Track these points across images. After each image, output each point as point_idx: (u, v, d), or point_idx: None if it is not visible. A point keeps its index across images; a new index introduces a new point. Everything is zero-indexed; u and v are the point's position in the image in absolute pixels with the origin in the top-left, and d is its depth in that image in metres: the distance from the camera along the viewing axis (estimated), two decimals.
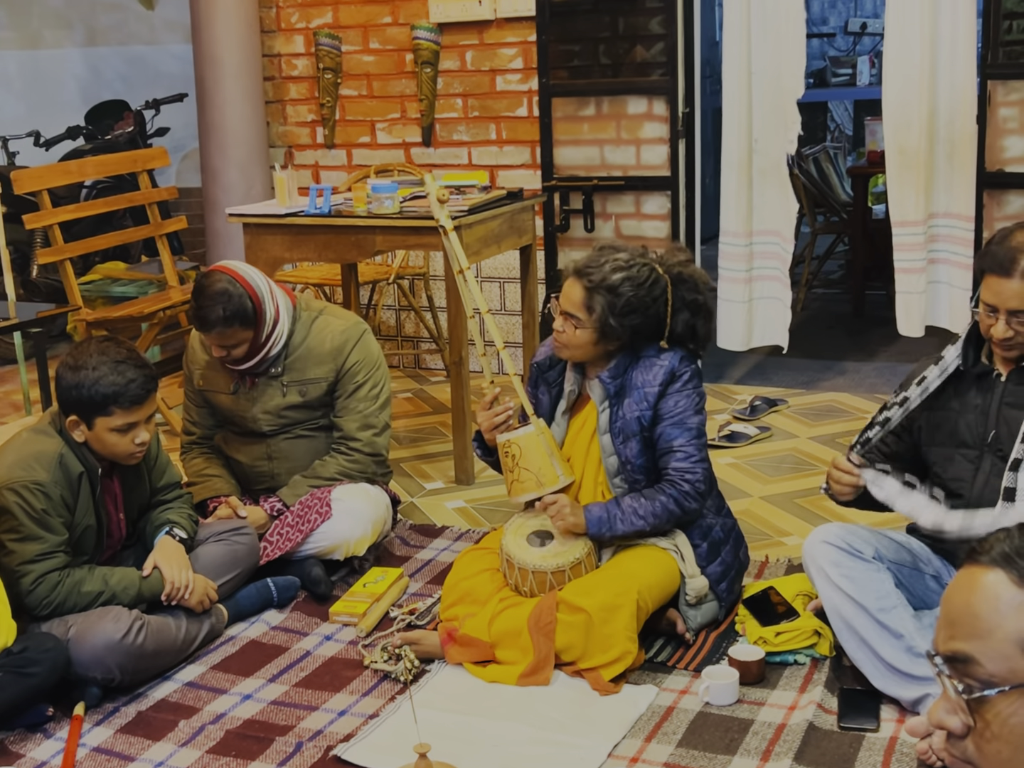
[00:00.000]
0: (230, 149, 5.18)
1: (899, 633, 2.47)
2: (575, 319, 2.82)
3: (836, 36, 9.80)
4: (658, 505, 2.80)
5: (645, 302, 2.80)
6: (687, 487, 2.80)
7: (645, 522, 2.80)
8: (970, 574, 1.02)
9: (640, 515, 2.80)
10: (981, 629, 0.99)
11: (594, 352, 2.87)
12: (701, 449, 2.85)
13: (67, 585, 2.73)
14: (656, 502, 2.80)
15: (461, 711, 2.61)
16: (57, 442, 2.79)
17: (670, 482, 2.82)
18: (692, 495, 2.81)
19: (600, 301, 2.78)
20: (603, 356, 2.89)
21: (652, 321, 2.84)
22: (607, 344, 2.85)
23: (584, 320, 2.81)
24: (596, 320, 2.80)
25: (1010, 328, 2.46)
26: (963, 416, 2.59)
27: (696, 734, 2.50)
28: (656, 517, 2.80)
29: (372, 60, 5.31)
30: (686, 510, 2.82)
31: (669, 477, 2.82)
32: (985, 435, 2.56)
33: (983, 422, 2.56)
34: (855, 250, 6.18)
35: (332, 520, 3.19)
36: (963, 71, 4.32)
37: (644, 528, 2.81)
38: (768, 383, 5.02)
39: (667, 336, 2.87)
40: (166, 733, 2.59)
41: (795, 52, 4.48)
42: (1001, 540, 1.02)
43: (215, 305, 3.14)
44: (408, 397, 5.05)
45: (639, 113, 4.83)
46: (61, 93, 6.64)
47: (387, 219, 3.85)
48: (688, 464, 2.82)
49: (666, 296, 2.84)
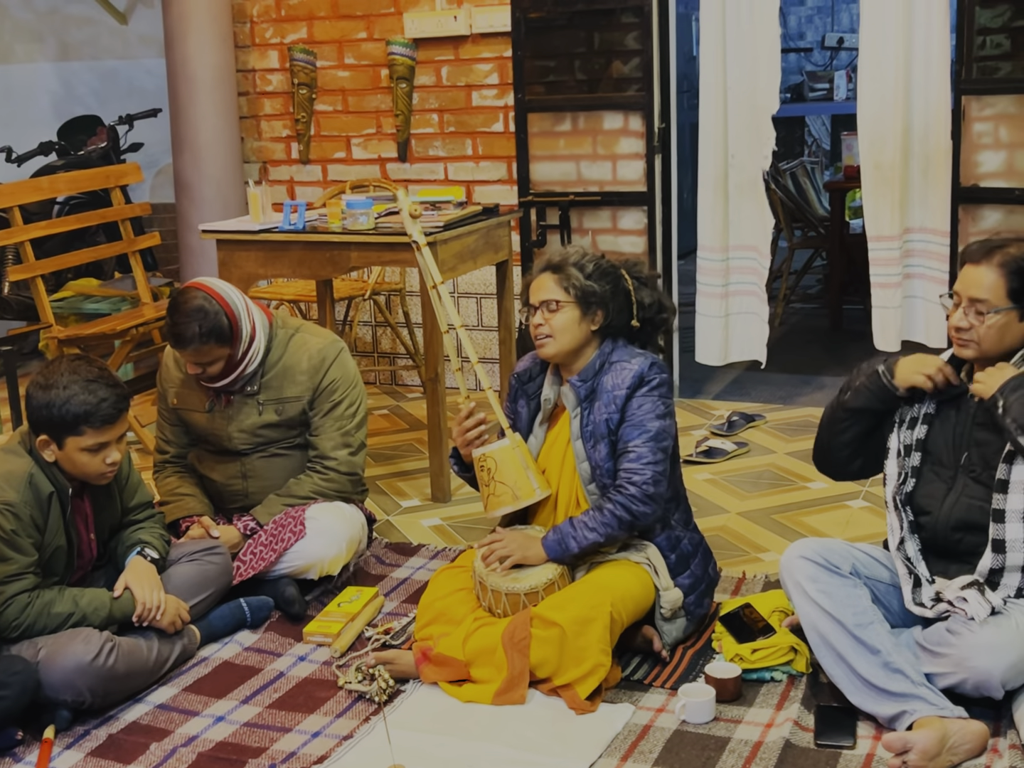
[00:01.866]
0: (204, 165, 5.15)
1: (876, 649, 2.46)
2: (552, 302, 2.86)
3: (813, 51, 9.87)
4: (606, 514, 2.79)
5: (610, 271, 2.92)
6: (633, 489, 2.77)
7: (597, 534, 2.79)
8: None
9: (591, 527, 2.79)
10: None
11: (579, 335, 2.88)
12: (656, 452, 2.82)
13: (37, 607, 2.69)
14: (604, 511, 2.79)
15: (436, 731, 2.59)
16: (27, 462, 2.75)
17: (617, 487, 2.81)
18: (639, 498, 2.77)
19: (573, 272, 2.87)
20: (584, 347, 2.90)
21: (622, 294, 2.91)
22: (591, 319, 2.88)
23: (562, 298, 2.86)
24: (575, 292, 2.85)
25: (966, 318, 2.45)
26: (941, 434, 2.59)
27: (672, 752, 2.48)
28: (606, 527, 2.78)
29: (347, 75, 5.30)
30: (636, 514, 2.78)
31: (618, 481, 2.81)
32: (959, 456, 2.55)
33: (959, 443, 2.55)
34: (832, 265, 6.20)
35: (306, 539, 3.16)
36: (937, 87, 4.34)
37: (599, 540, 2.79)
38: (746, 398, 5.01)
39: (637, 312, 2.92)
40: (137, 756, 2.55)
41: (770, 68, 4.49)
42: None
43: (191, 322, 3.11)
44: (384, 414, 5.03)
45: (615, 128, 4.83)
46: (33, 108, 6.60)
47: (362, 235, 3.84)
48: (637, 465, 2.79)
49: (624, 276, 2.93)
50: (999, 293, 2.42)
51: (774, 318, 6.04)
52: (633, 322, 2.93)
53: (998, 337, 2.45)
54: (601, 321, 2.89)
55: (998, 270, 2.42)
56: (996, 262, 2.42)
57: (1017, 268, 2.41)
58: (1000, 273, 2.42)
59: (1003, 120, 4.35)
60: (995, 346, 2.46)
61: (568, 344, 2.88)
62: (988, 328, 2.44)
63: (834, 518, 3.70)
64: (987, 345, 2.46)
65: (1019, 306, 2.43)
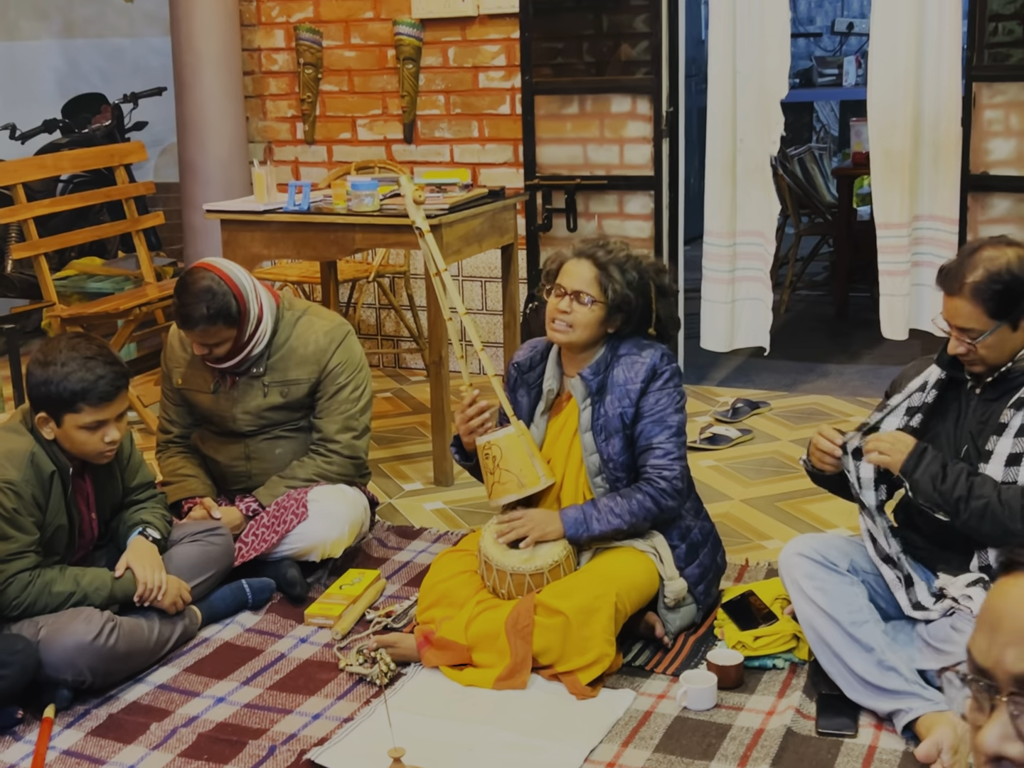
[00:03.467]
0: (209, 144, 5.13)
1: (870, 647, 2.46)
2: (587, 296, 2.82)
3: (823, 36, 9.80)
4: (635, 503, 2.77)
5: (646, 285, 2.87)
6: (664, 484, 2.78)
7: (622, 520, 2.78)
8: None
9: (617, 514, 2.78)
10: None
11: (595, 334, 2.86)
12: (680, 447, 2.84)
13: (38, 586, 2.69)
14: (633, 500, 2.78)
15: (437, 715, 2.58)
16: (28, 440, 2.74)
17: (647, 480, 2.80)
18: (669, 492, 2.79)
19: (616, 275, 2.82)
20: (593, 343, 2.88)
21: (645, 303, 2.88)
22: (609, 323, 2.86)
23: (597, 296, 2.82)
24: (612, 295, 2.81)
25: (963, 344, 2.45)
26: (943, 426, 2.58)
27: (673, 739, 2.47)
28: (633, 515, 2.77)
29: (353, 56, 5.27)
30: (663, 508, 2.79)
31: (647, 475, 2.81)
32: (959, 448, 2.54)
33: (960, 434, 2.54)
34: (839, 252, 6.17)
35: (308, 521, 3.15)
36: (948, 73, 4.31)
37: (621, 527, 2.79)
38: (750, 385, 5.00)
39: (655, 322, 2.90)
40: (137, 736, 2.54)
41: (780, 53, 4.46)
42: None
43: (199, 303, 3.09)
44: (388, 397, 5.01)
45: (623, 112, 4.80)
46: (38, 85, 6.57)
47: (367, 217, 3.81)
48: (666, 461, 2.80)
49: (650, 284, 2.89)
50: (981, 319, 2.41)
51: (780, 305, 6.02)
52: (650, 330, 2.92)
53: (998, 352, 2.45)
54: (618, 325, 2.88)
55: (972, 299, 2.41)
56: (967, 292, 2.41)
57: (990, 293, 2.40)
58: (973, 302, 2.41)
59: (1014, 107, 4.32)
60: (1000, 358, 2.46)
61: (583, 339, 2.86)
62: (985, 349, 2.44)
63: (837, 506, 3.67)
64: (992, 360, 2.46)
65: (1005, 320, 2.42)
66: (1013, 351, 2.46)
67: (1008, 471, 2.42)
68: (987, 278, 2.39)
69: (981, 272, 2.40)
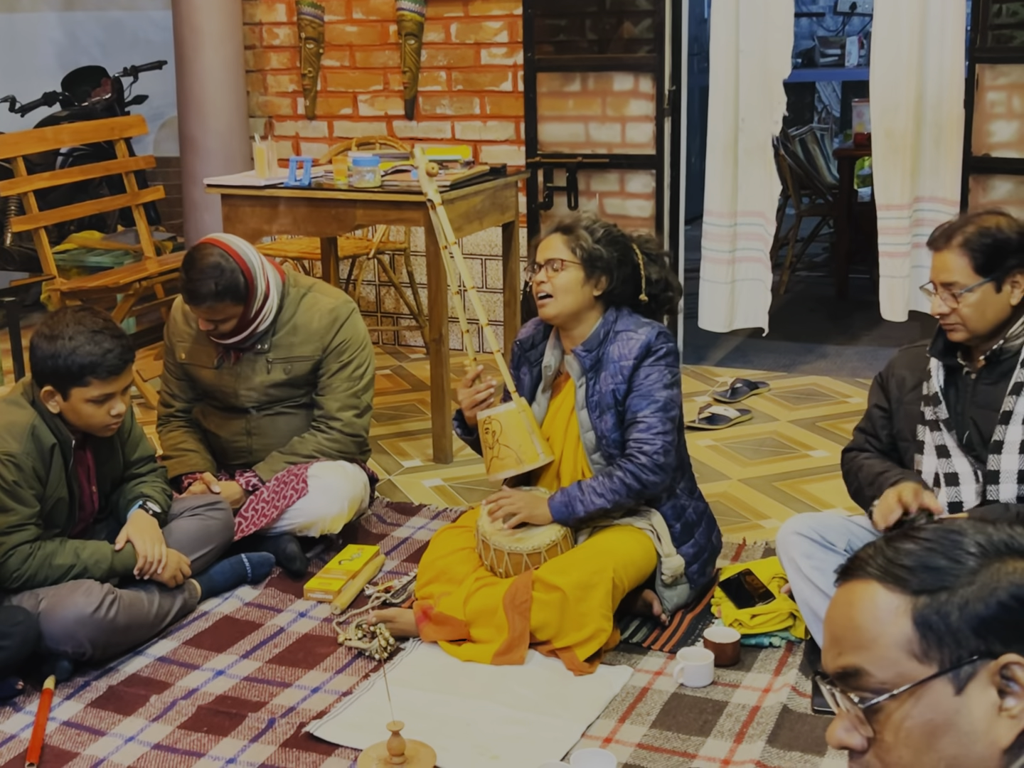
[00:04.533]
0: (209, 119, 5.11)
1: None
2: (557, 261, 2.85)
3: (825, 16, 9.75)
4: (615, 481, 2.78)
5: (620, 240, 2.91)
6: (644, 459, 2.78)
7: (605, 500, 2.78)
8: (847, 591, 1.06)
9: (599, 493, 2.79)
10: (865, 639, 1.02)
11: (581, 298, 2.85)
12: (665, 422, 2.82)
13: (38, 558, 2.70)
14: (614, 478, 2.79)
15: (435, 689, 2.60)
16: (30, 413, 2.75)
17: (628, 455, 2.81)
18: (650, 467, 2.78)
19: (583, 235, 2.86)
20: (586, 311, 2.88)
21: (629, 264, 2.90)
22: (594, 284, 2.86)
23: (568, 258, 2.84)
24: (581, 253, 2.84)
25: (943, 304, 2.46)
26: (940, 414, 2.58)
27: (670, 715, 2.49)
28: (615, 493, 2.78)
29: (355, 30, 5.24)
30: (645, 483, 2.79)
31: (628, 450, 2.81)
32: (961, 435, 2.54)
33: (960, 421, 2.54)
34: (839, 233, 6.16)
35: (308, 497, 3.16)
36: (951, 54, 4.30)
37: (605, 506, 2.79)
38: (749, 365, 5.00)
39: (645, 286, 2.91)
40: (137, 708, 2.56)
41: (783, 32, 4.44)
42: (871, 555, 1.06)
43: (207, 279, 3.09)
44: (387, 374, 5.02)
45: (625, 90, 4.79)
46: (37, 58, 6.53)
47: (368, 193, 3.81)
48: (648, 435, 2.80)
49: (634, 249, 2.92)
50: (966, 272, 2.44)
51: (779, 286, 6.02)
52: (641, 296, 2.92)
53: (979, 314, 2.45)
54: (604, 287, 2.87)
55: (960, 251, 2.44)
56: (956, 244, 2.44)
57: (978, 245, 2.43)
58: (962, 253, 2.44)
59: (1017, 89, 4.31)
60: (980, 323, 2.46)
61: (568, 306, 2.86)
62: (967, 308, 2.44)
63: (835, 486, 3.68)
64: (973, 324, 2.46)
65: (989, 278, 2.44)
66: (996, 319, 2.46)
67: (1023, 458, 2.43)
68: (977, 232, 2.44)
69: (972, 228, 2.45)
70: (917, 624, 1.00)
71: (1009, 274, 2.44)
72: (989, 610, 0.99)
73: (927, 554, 1.02)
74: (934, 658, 0.99)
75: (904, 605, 1.01)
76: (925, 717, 0.99)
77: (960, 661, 0.98)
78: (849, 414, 4.26)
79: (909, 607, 1.01)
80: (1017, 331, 2.48)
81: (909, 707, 0.99)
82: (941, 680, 0.99)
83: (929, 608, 1.00)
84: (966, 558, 1.01)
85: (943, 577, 1.01)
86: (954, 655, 0.99)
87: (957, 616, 0.99)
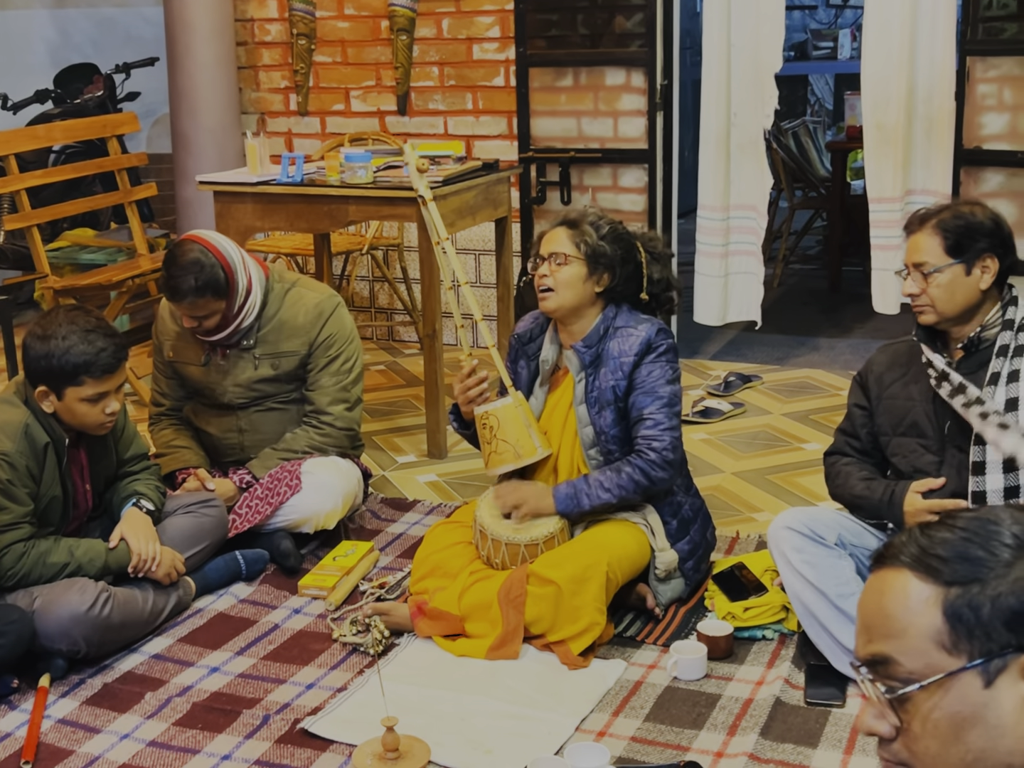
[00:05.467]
0: (201, 115, 5.10)
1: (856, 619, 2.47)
2: (561, 255, 2.85)
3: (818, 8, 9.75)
4: (624, 476, 2.79)
5: (624, 238, 2.91)
6: (653, 455, 2.79)
7: (611, 495, 2.79)
8: (879, 578, 1.05)
9: (606, 488, 2.79)
10: (895, 628, 1.02)
11: (582, 293, 2.86)
12: (671, 418, 2.83)
13: (32, 556, 2.70)
14: (622, 474, 2.79)
15: (430, 685, 2.61)
16: (23, 412, 2.75)
17: (637, 452, 2.81)
18: (659, 464, 2.79)
19: (588, 231, 2.87)
20: (586, 307, 2.88)
21: (632, 262, 2.90)
22: (596, 280, 2.86)
23: (572, 252, 2.85)
24: (585, 248, 2.84)
25: (915, 284, 2.48)
26: (922, 405, 2.58)
27: (663, 708, 2.50)
28: (622, 488, 2.79)
29: (347, 26, 5.24)
30: (653, 479, 2.80)
31: (637, 446, 2.82)
32: (942, 426, 2.55)
33: (942, 413, 2.55)
34: (832, 226, 6.17)
35: (302, 493, 3.16)
36: (942, 47, 4.30)
37: (611, 501, 2.80)
38: (743, 359, 5.01)
39: (646, 285, 2.92)
40: (132, 705, 2.57)
41: (774, 25, 4.45)
42: (904, 543, 1.05)
43: (187, 275, 3.09)
44: (381, 369, 5.02)
45: (617, 85, 4.79)
46: (29, 55, 6.52)
47: (360, 189, 3.81)
48: (656, 432, 2.81)
49: (638, 247, 2.92)
50: (937, 252, 2.46)
51: (773, 279, 6.02)
52: (642, 295, 2.93)
53: (948, 295, 2.47)
54: (607, 284, 2.88)
55: (933, 231, 2.47)
56: (931, 226, 2.48)
57: (951, 227, 2.46)
58: (934, 233, 2.47)
59: (1007, 82, 4.31)
60: (949, 305, 2.47)
61: (569, 301, 2.87)
62: (936, 288, 2.46)
63: None
64: (941, 306, 2.48)
65: (959, 260, 2.46)
66: (965, 302, 2.47)
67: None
68: (951, 215, 2.48)
69: (947, 213, 2.49)
70: (947, 616, 0.99)
71: (979, 257, 2.46)
72: (1022, 604, 0.98)
73: (963, 544, 1.01)
74: (964, 650, 0.98)
75: (935, 596, 1.00)
76: (953, 709, 0.98)
77: (990, 654, 0.98)
78: (841, 407, 4.23)
79: (940, 598, 0.99)
80: (994, 319, 2.50)
81: (937, 699, 0.99)
82: (970, 673, 0.98)
83: (960, 600, 0.99)
84: (1001, 550, 1.00)
85: (977, 569, 0.99)
86: (984, 648, 0.98)
87: (989, 609, 0.98)
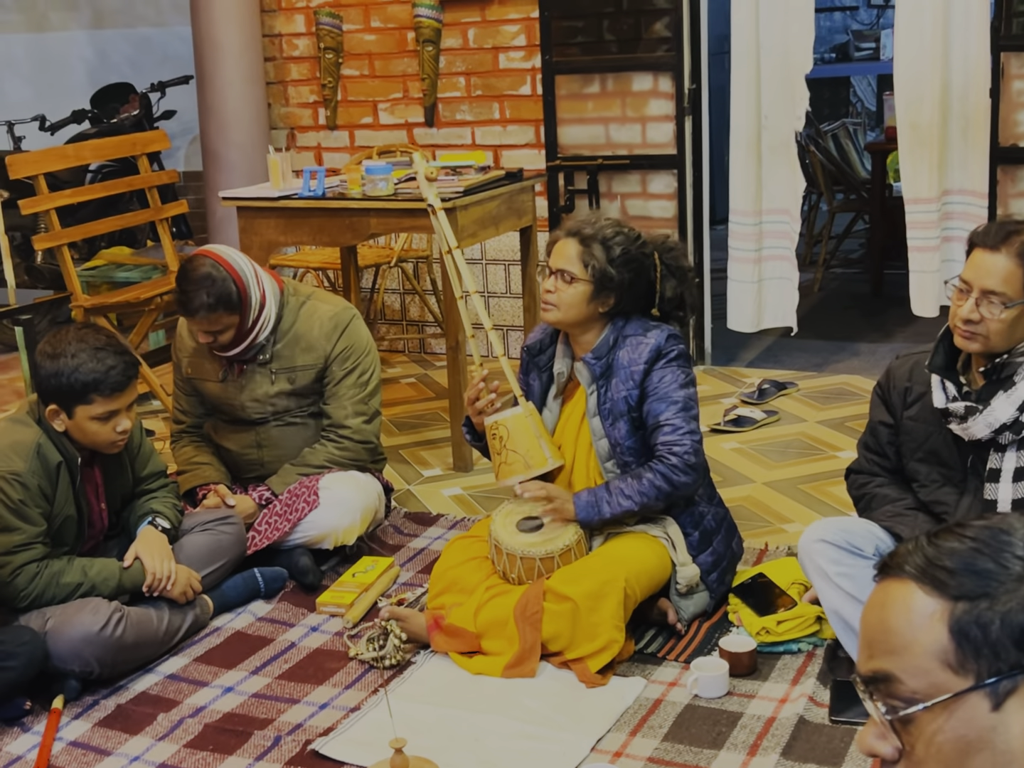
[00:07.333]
0: (231, 132, 5.12)
1: None
2: (568, 274, 2.78)
3: (859, 9, 9.61)
4: (645, 483, 2.72)
5: (638, 257, 2.81)
6: (675, 460, 2.72)
7: (632, 502, 2.72)
8: (883, 589, 0.98)
9: (627, 495, 2.73)
10: (897, 644, 0.94)
11: (585, 312, 2.80)
12: (689, 421, 2.76)
13: (45, 576, 2.69)
14: (643, 480, 2.72)
15: (444, 704, 2.56)
16: (35, 431, 2.75)
17: (658, 458, 2.74)
18: (681, 468, 2.72)
19: (597, 251, 2.78)
20: (591, 323, 2.82)
21: (644, 281, 2.83)
22: (600, 303, 2.79)
23: (579, 273, 2.77)
24: (593, 271, 2.76)
25: (977, 310, 2.25)
26: (941, 432, 2.44)
27: (683, 727, 2.43)
28: (643, 495, 2.72)
29: (373, 39, 5.23)
30: (676, 485, 2.72)
31: (657, 452, 2.75)
32: (965, 457, 2.42)
33: (964, 444, 2.40)
34: (874, 228, 6.05)
35: (320, 509, 3.13)
36: (976, 43, 4.19)
37: (633, 508, 2.73)
38: (780, 365, 4.91)
39: (657, 303, 2.84)
40: (144, 727, 2.55)
41: (803, 26, 4.36)
42: (910, 552, 0.97)
43: (199, 290, 3.08)
44: (411, 382, 4.99)
45: (644, 90, 4.72)
46: (67, 76, 6.60)
47: (381, 201, 3.78)
48: (675, 436, 2.73)
49: (654, 261, 2.84)
50: (1016, 285, 2.21)
51: (813, 284, 5.92)
52: (653, 311, 2.86)
53: (1009, 332, 2.26)
54: (610, 306, 2.81)
55: (1016, 260, 2.21)
56: (1015, 251, 2.21)
57: None
58: (1018, 263, 2.21)
59: None
60: (1004, 341, 2.27)
61: (571, 318, 2.81)
62: (1000, 323, 2.24)
63: None
64: (996, 340, 2.27)
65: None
66: (1018, 339, 2.28)
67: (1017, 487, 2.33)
68: None
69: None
70: (953, 633, 0.92)
71: None
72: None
73: (972, 555, 0.94)
74: (970, 670, 0.91)
75: (941, 611, 0.93)
76: (958, 733, 0.91)
77: (999, 675, 0.91)
78: None
79: (946, 613, 0.92)
80: (1022, 347, 2.31)
81: (942, 721, 0.92)
82: (977, 694, 0.91)
83: (968, 616, 0.92)
84: (1013, 562, 0.93)
85: (986, 583, 0.92)
86: (992, 668, 0.91)
87: (998, 626, 0.91)
